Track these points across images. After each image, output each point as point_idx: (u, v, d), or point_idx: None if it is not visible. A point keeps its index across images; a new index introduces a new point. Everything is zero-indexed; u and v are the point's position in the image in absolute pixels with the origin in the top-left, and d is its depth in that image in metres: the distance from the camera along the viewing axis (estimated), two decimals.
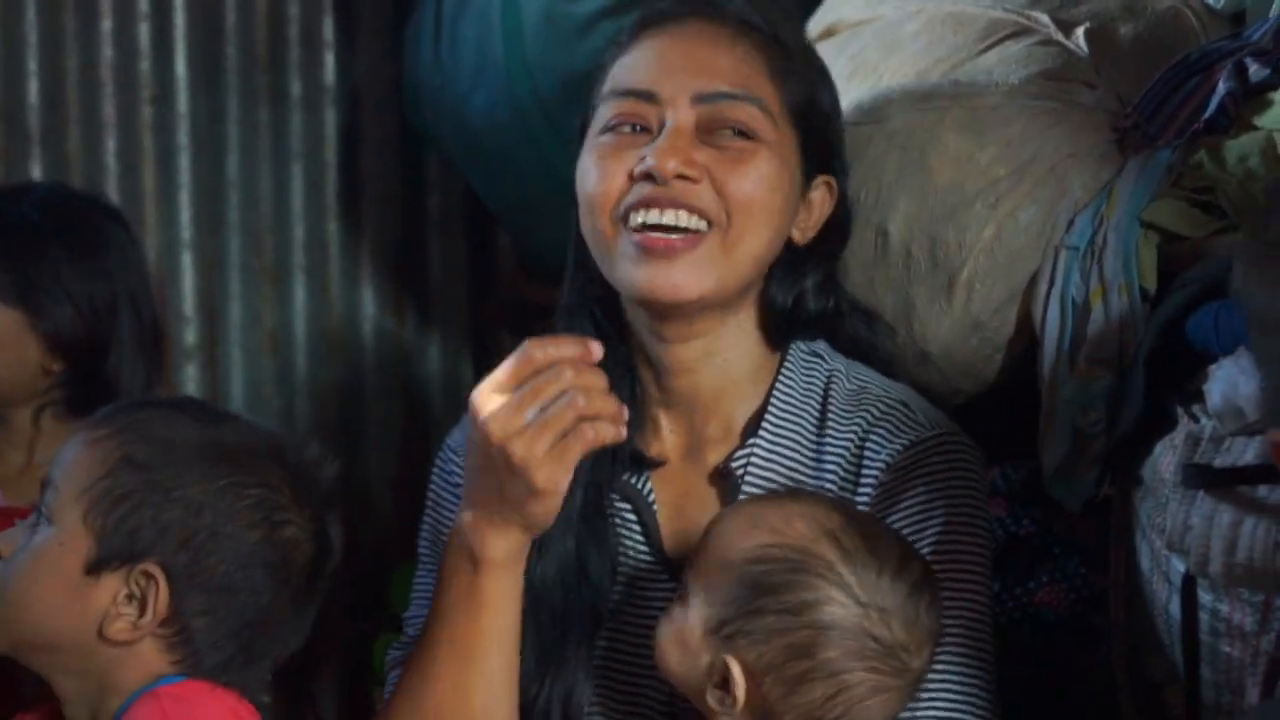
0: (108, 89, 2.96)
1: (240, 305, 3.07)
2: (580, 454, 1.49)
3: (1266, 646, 1.51)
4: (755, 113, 1.66)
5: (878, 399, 1.71)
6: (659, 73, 1.67)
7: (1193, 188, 1.77)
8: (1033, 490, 1.96)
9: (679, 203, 1.63)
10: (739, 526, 1.54)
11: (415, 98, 2.82)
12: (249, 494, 1.56)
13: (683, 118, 1.65)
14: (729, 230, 1.64)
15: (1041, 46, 1.96)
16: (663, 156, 1.62)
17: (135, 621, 1.53)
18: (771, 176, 1.67)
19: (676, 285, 1.64)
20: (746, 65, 1.68)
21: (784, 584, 1.49)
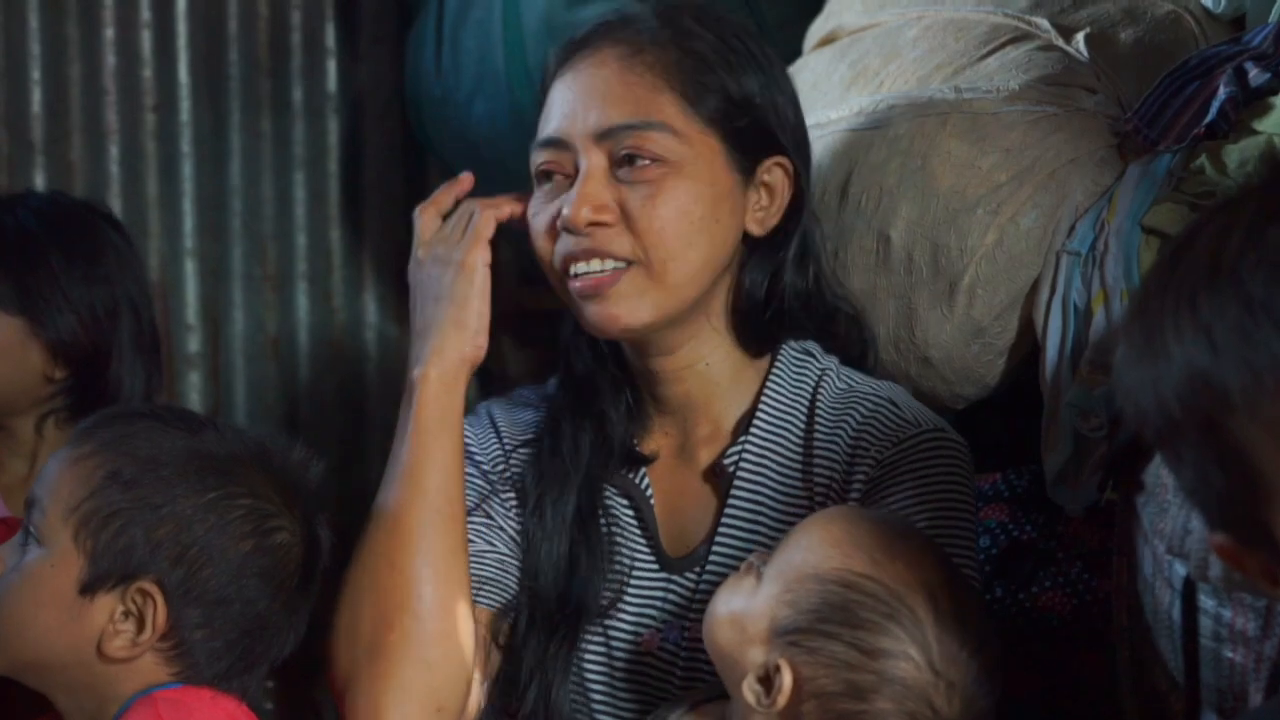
0: (110, 97, 2.97)
1: (243, 313, 3.07)
2: (488, 228, 1.75)
3: (1269, 652, 1.51)
4: (656, 136, 1.66)
5: (866, 397, 1.72)
6: (565, 117, 1.69)
7: (1193, 192, 1.77)
8: (1035, 495, 1.96)
9: (595, 252, 1.67)
10: (838, 539, 1.51)
11: (417, 106, 2.83)
12: (238, 505, 1.56)
13: (592, 161, 1.67)
14: (651, 264, 1.67)
15: (1042, 52, 1.96)
16: (574, 209, 1.66)
17: (134, 638, 1.53)
18: (686, 196, 1.66)
19: (616, 317, 1.68)
20: (644, 87, 1.67)
21: (868, 621, 1.46)
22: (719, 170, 1.69)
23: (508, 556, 1.77)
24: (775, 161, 1.73)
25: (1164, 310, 1.10)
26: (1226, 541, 1.12)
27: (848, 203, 1.98)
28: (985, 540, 1.97)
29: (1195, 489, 1.13)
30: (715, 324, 1.74)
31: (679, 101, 1.67)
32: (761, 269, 1.74)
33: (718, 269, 1.71)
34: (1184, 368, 1.08)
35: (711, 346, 1.74)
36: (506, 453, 1.82)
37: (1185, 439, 1.10)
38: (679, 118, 1.67)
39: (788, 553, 1.53)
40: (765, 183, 1.73)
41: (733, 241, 1.72)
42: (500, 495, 1.80)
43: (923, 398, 1.97)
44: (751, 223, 1.73)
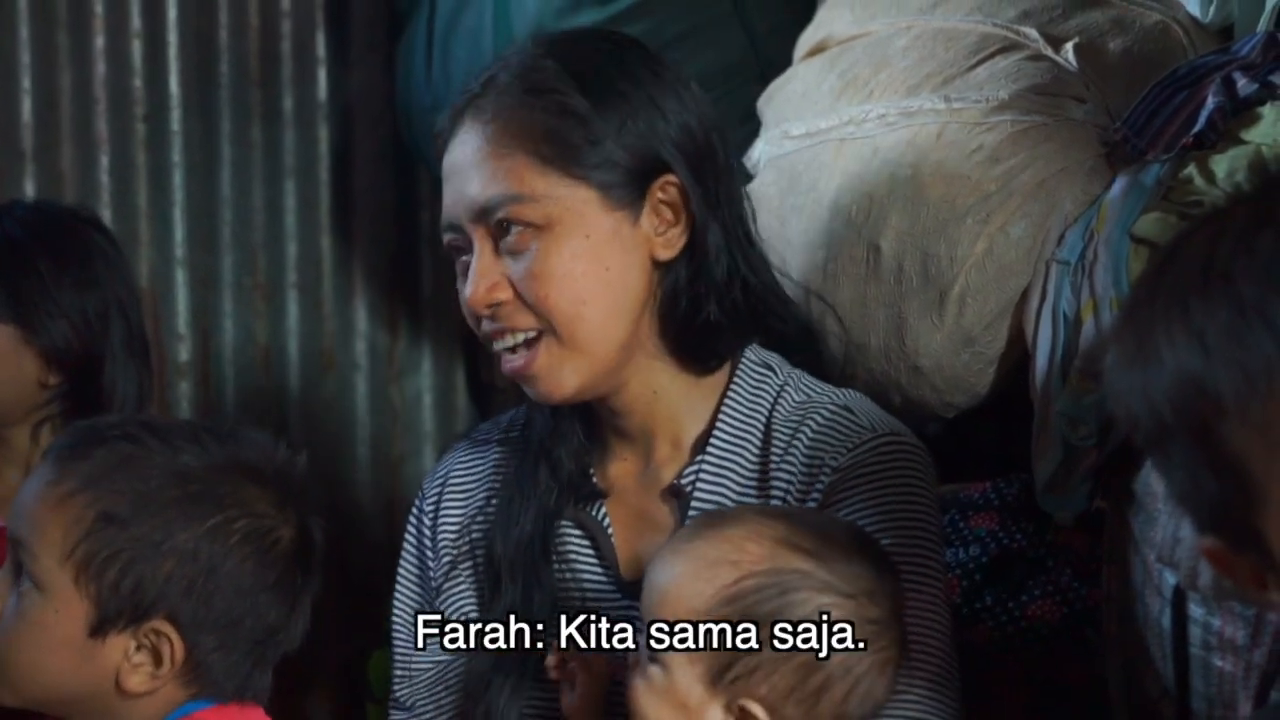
0: (101, 106, 2.97)
1: (233, 322, 3.07)
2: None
3: (1259, 660, 1.52)
4: (517, 207, 1.65)
5: (822, 407, 1.70)
6: (450, 201, 1.70)
7: (1182, 202, 1.77)
8: (1025, 503, 1.96)
9: (505, 330, 1.69)
10: (692, 573, 1.51)
11: (407, 115, 2.83)
12: (236, 528, 1.54)
13: (479, 242, 1.68)
14: (557, 330, 1.66)
15: (1031, 61, 1.97)
16: (471, 293, 1.68)
17: (153, 672, 1.52)
18: (562, 258, 1.65)
19: (549, 394, 1.69)
20: (499, 158, 1.66)
21: (773, 609, 1.48)
22: (593, 217, 1.67)
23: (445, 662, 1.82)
24: (666, 181, 1.69)
25: (1155, 315, 1.10)
26: (1216, 546, 1.12)
27: (837, 212, 1.99)
28: (975, 549, 1.97)
29: (1186, 493, 1.13)
30: (650, 353, 1.72)
31: (533, 163, 1.66)
32: (680, 287, 1.71)
33: (629, 312, 1.69)
34: (1175, 371, 1.08)
35: (655, 374, 1.72)
36: (469, 519, 1.83)
37: (1177, 443, 1.10)
38: (537, 180, 1.65)
39: (666, 617, 1.51)
40: (663, 202, 1.70)
41: (638, 279, 1.69)
42: (448, 585, 1.82)
43: (913, 406, 1.98)
44: (658, 249, 1.70)
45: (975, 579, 1.96)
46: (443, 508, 1.86)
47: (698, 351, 1.73)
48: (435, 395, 3.21)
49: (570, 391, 1.69)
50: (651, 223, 1.69)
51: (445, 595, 1.83)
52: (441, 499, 1.86)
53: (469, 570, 1.82)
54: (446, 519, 1.85)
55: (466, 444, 1.90)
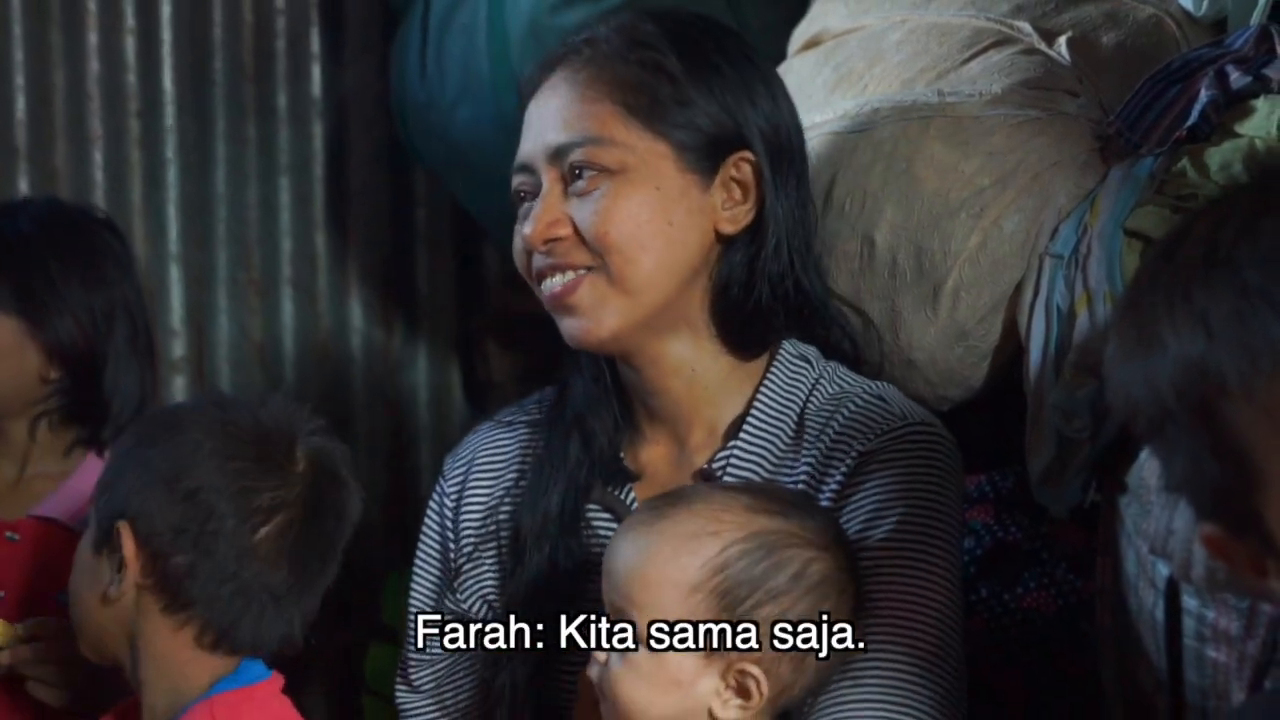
0: (95, 103, 2.97)
1: (228, 318, 3.07)
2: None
3: (1252, 651, 1.52)
4: (595, 150, 1.69)
5: (855, 396, 1.73)
6: (529, 143, 1.75)
7: (1176, 195, 1.77)
8: (1020, 496, 1.97)
9: (557, 267, 1.71)
10: (672, 549, 1.53)
11: (402, 111, 2.83)
12: (210, 444, 1.64)
13: (548, 181, 1.72)
14: (609, 268, 1.69)
15: (1024, 55, 1.97)
16: (531, 229, 1.71)
17: (116, 572, 1.64)
18: (631, 202, 1.69)
19: (586, 329, 1.71)
20: (587, 103, 1.71)
21: (764, 571, 1.52)
22: (666, 173, 1.70)
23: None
24: (742, 157, 1.74)
25: (1157, 303, 1.11)
26: (1215, 532, 1.12)
27: (832, 206, 1.99)
28: (970, 542, 1.98)
29: (1186, 479, 1.14)
30: (696, 327, 1.75)
31: (620, 112, 1.70)
32: (736, 266, 1.75)
33: (682, 272, 1.72)
34: (1179, 356, 1.08)
35: (697, 351, 1.75)
36: (496, 500, 1.84)
37: (1178, 427, 1.10)
38: (620, 128, 1.70)
39: (641, 605, 1.53)
40: (735, 179, 1.74)
41: (698, 243, 1.73)
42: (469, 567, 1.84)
43: None
44: (722, 221, 1.74)
45: (970, 571, 1.96)
46: (468, 489, 1.86)
47: (743, 335, 1.76)
48: (430, 392, 3.21)
49: (607, 333, 1.71)
50: (720, 195, 1.74)
51: (465, 577, 1.83)
52: (467, 480, 1.87)
53: (493, 551, 1.83)
54: (472, 500, 1.85)
55: (491, 425, 1.90)
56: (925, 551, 1.64)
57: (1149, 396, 1.11)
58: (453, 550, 1.85)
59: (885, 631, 1.61)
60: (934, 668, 1.62)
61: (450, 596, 1.85)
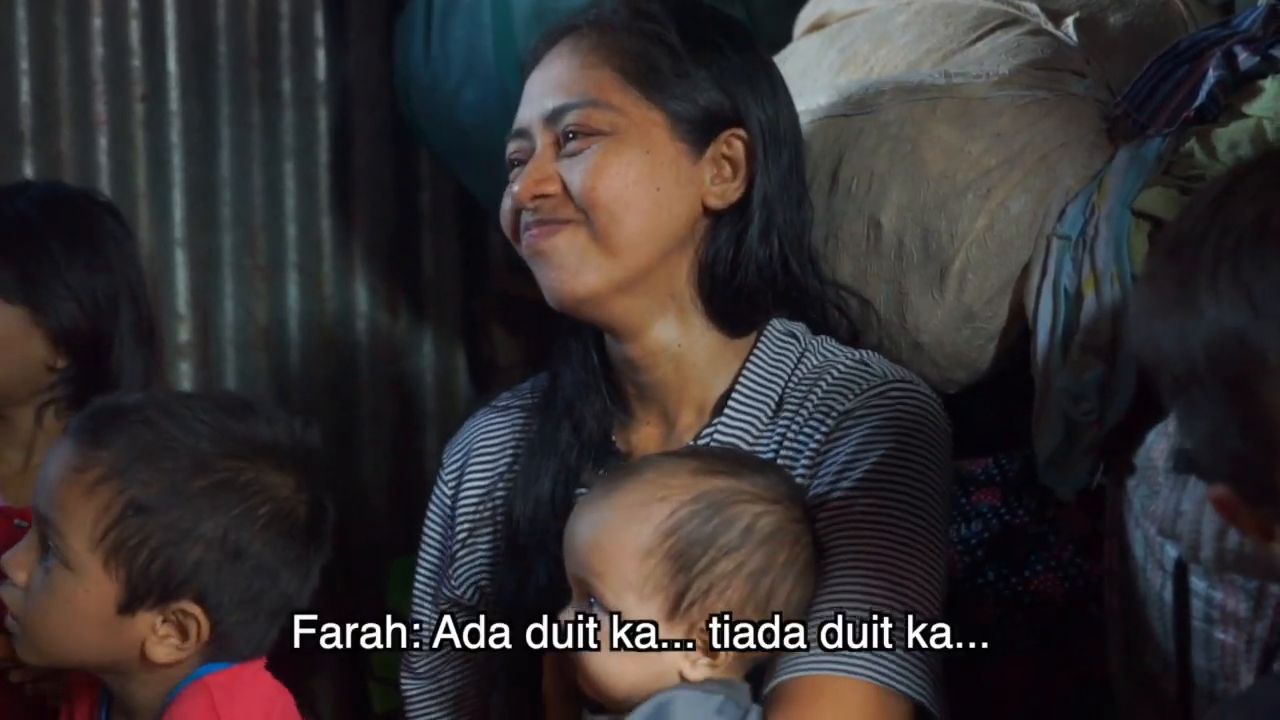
0: (99, 87, 2.97)
1: (234, 302, 3.07)
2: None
3: (1260, 633, 1.52)
4: (590, 112, 1.71)
5: (839, 363, 1.73)
6: (526, 108, 1.77)
7: (1183, 176, 1.77)
8: (1027, 479, 1.96)
9: (542, 222, 1.72)
10: (624, 518, 1.56)
11: (406, 94, 2.82)
12: (260, 513, 1.59)
13: (541, 144, 1.73)
14: (593, 224, 1.70)
15: (1031, 36, 1.96)
16: (521, 185, 1.73)
17: (179, 645, 1.58)
18: (619, 161, 1.70)
19: (563, 282, 1.71)
20: (585, 68, 1.73)
21: (714, 529, 1.55)
22: (658, 139, 1.72)
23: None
24: (733, 134, 1.75)
25: (1200, 260, 1.08)
26: (1227, 494, 1.11)
27: (838, 188, 1.99)
28: (977, 525, 1.98)
29: (1206, 443, 1.12)
30: (682, 302, 1.75)
31: (617, 79, 1.72)
32: (722, 242, 1.75)
33: (665, 239, 1.72)
34: (1217, 323, 1.06)
35: (684, 328, 1.75)
36: (491, 484, 1.85)
37: (1207, 394, 1.08)
38: (616, 93, 1.72)
39: (599, 576, 1.55)
40: (725, 155, 1.75)
41: (684, 212, 1.73)
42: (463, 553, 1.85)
43: None
44: (710, 196, 1.74)
45: (977, 555, 1.96)
46: (466, 476, 1.87)
47: (729, 313, 1.76)
48: (435, 375, 3.21)
49: (584, 289, 1.71)
50: (710, 170, 1.75)
51: (460, 563, 1.85)
52: (465, 466, 1.88)
53: (488, 536, 1.83)
54: (469, 486, 1.87)
55: (488, 411, 1.92)
56: (902, 493, 1.62)
57: (1179, 356, 1.09)
58: (449, 534, 1.87)
59: (859, 565, 1.60)
60: (900, 585, 1.59)
61: (446, 584, 1.85)
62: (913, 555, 1.61)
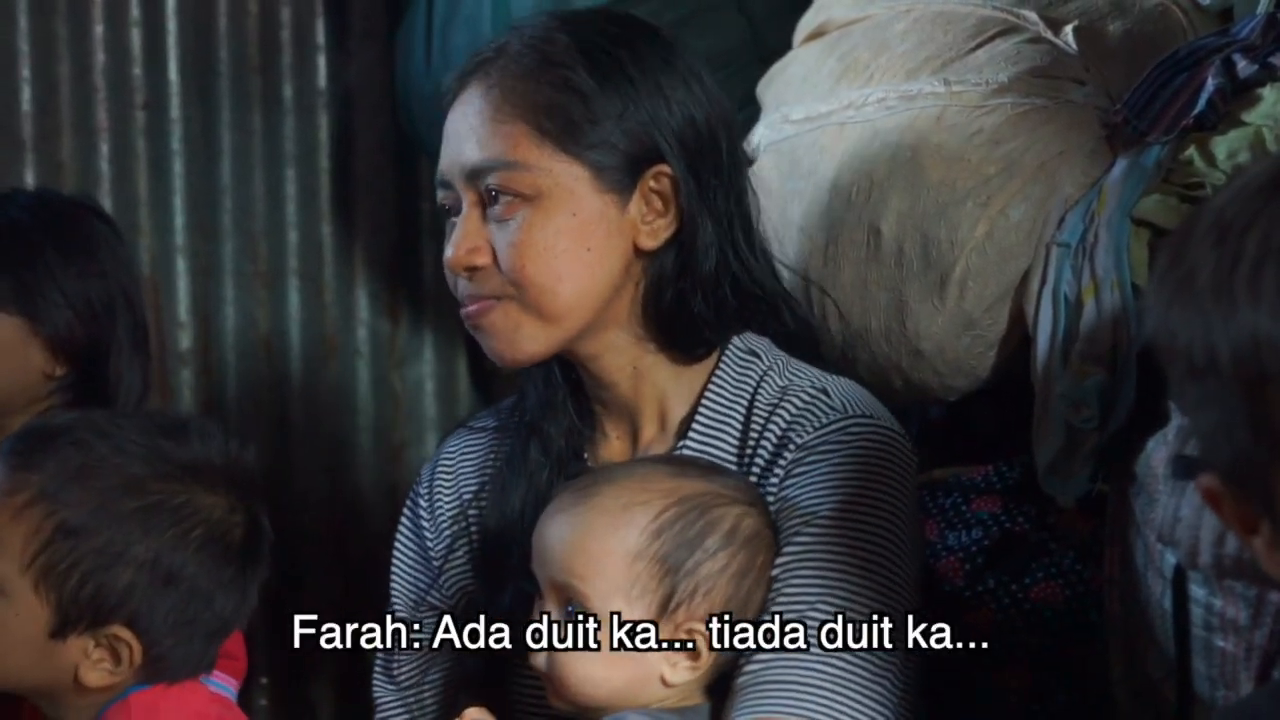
0: (100, 95, 2.96)
1: (235, 310, 3.07)
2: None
3: (1260, 640, 1.52)
4: (510, 175, 1.66)
5: (800, 391, 1.69)
6: (446, 158, 1.72)
7: (1183, 184, 1.77)
8: (1027, 486, 1.96)
9: (477, 296, 1.70)
10: (607, 523, 1.56)
11: (407, 102, 2.83)
12: (194, 536, 1.58)
13: (467, 202, 1.69)
14: (524, 299, 1.67)
15: (1031, 44, 1.97)
16: (451, 253, 1.70)
17: (112, 670, 1.56)
18: (546, 231, 1.66)
19: (502, 353, 1.70)
20: (500, 122, 1.67)
21: (700, 530, 1.55)
22: (583, 197, 1.67)
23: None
24: (660, 170, 1.69)
25: (1243, 255, 1.03)
26: (1217, 485, 1.09)
27: (838, 196, 1.99)
28: (977, 532, 1.98)
29: (1210, 434, 1.09)
30: (632, 331, 1.72)
31: (531, 134, 1.67)
32: (665, 274, 1.71)
33: (602, 293, 1.69)
34: (1251, 323, 1.02)
35: (637, 353, 1.73)
36: (464, 505, 1.85)
37: (1222, 389, 1.05)
38: (532, 151, 1.66)
39: (582, 581, 1.54)
40: (654, 190, 1.70)
41: (618, 261, 1.69)
42: (448, 567, 1.84)
43: (914, 390, 1.98)
44: (643, 236, 1.70)
45: (977, 562, 1.96)
46: (437, 490, 1.87)
47: (682, 341, 1.73)
48: (437, 382, 3.21)
49: (524, 356, 1.70)
50: (640, 210, 1.70)
51: (446, 574, 1.85)
52: (435, 485, 1.87)
53: (465, 547, 1.84)
54: (442, 500, 1.86)
55: (464, 431, 1.91)
56: (861, 535, 1.60)
57: (1202, 347, 1.05)
58: (432, 546, 1.86)
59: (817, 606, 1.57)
60: (868, 661, 1.57)
61: (435, 592, 1.85)
62: (871, 596, 1.59)
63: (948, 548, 1.98)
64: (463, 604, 1.84)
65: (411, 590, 1.87)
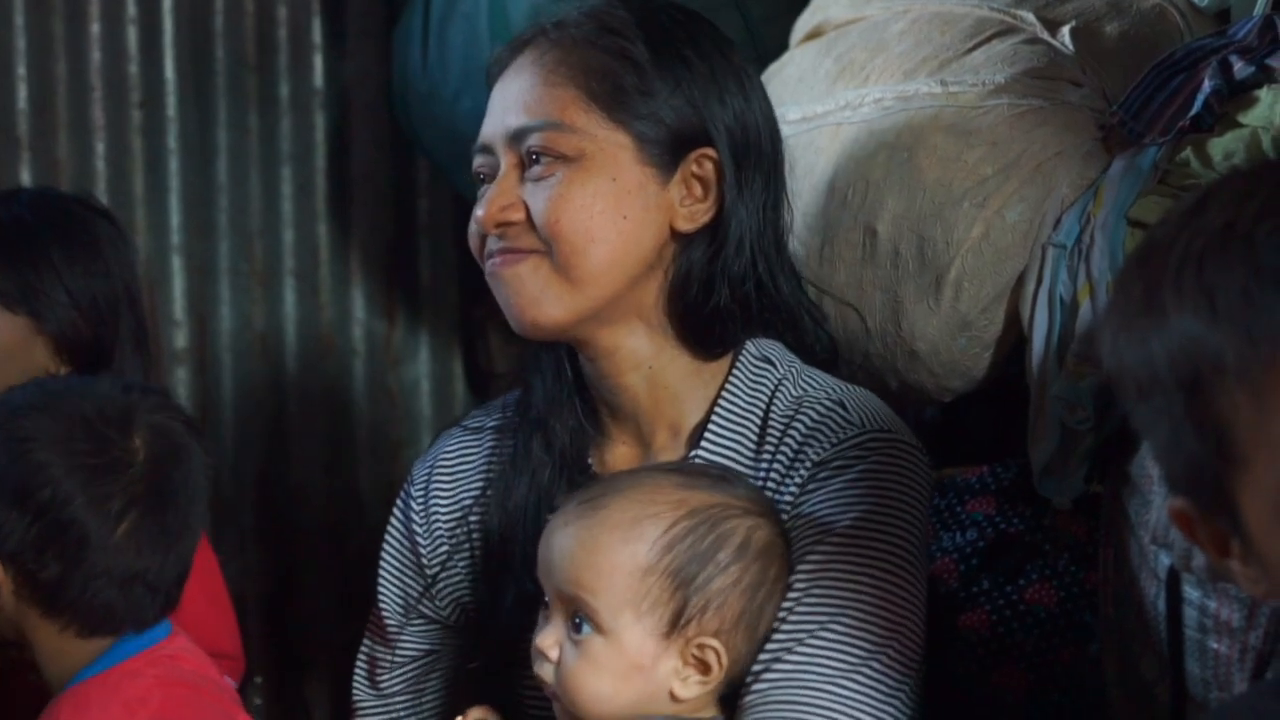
0: (96, 93, 2.96)
1: (230, 309, 3.07)
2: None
3: (1254, 642, 1.52)
4: (554, 135, 1.66)
5: (816, 403, 1.69)
6: (489, 124, 1.72)
7: (1179, 185, 1.77)
8: (1022, 488, 1.96)
9: (507, 250, 1.68)
10: (619, 537, 1.54)
11: (404, 102, 2.83)
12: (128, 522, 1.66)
13: (505, 164, 1.69)
14: (556, 256, 1.66)
15: (1028, 45, 1.97)
16: (484, 211, 1.68)
17: None
18: (585, 191, 1.65)
19: (524, 315, 1.68)
20: (550, 86, 1.68)
21: (712, 544, 1.54)
22: (625, 165, 1.67)
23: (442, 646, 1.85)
24: (704, 154, 1.70)
25: (1167, 267, 1.08)
26: (1184, 506, 1.11)
27: (834, 196, 1.99)
28: (972, 533, 1.98)
29: (1165, 450, 1.12)
30: (651, 323, 1.71)
31: (581, 98, 1.67)
32: (695, 265, 1.71)
33: (633, 267, 1.68)
34: (1179, 326, 1.06)
35: (654, 347, 1.72)
36: (465, 508, 1.83)
37: (1165, 397, 1.09)
38: (580, 115, 1.67)
39: (591, 594, 1.53)
40: (696, 175, 1.70)
41: (652, 239, 1.69)
42: (444, 575, 1.83)
43: (910, 390, 1.98)
44: (679, 219, 1.70)
45: (972, 563, 1.96)
46: (434, 496, 1.84)
47: (702, 335, 1.72)
48: (433, 382, 3.21)
49: (552, 320, 1.67)
50: (679, 192, 1.70)
51: (442, 584, 1.83)
52: (431, 487, 1.85)
53: (466, 557, 1.82)
54: (439, 507, 1.84)
55: (459, 431, 1.89)
56: (877, 551, 1.60)
57: (1142, 360, 1.10)
58: (425, 554, 1.84)
59: (830, 627, 1.58)
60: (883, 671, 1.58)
61: (427, 602, 1.84)
62: (886, 617, 1.59)
63: (942, 549, 1.98)
64: (457, 616, 1.83)
65: (399, 597, 1.86)
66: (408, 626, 1.84)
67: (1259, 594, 1.10)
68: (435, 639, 1.85)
